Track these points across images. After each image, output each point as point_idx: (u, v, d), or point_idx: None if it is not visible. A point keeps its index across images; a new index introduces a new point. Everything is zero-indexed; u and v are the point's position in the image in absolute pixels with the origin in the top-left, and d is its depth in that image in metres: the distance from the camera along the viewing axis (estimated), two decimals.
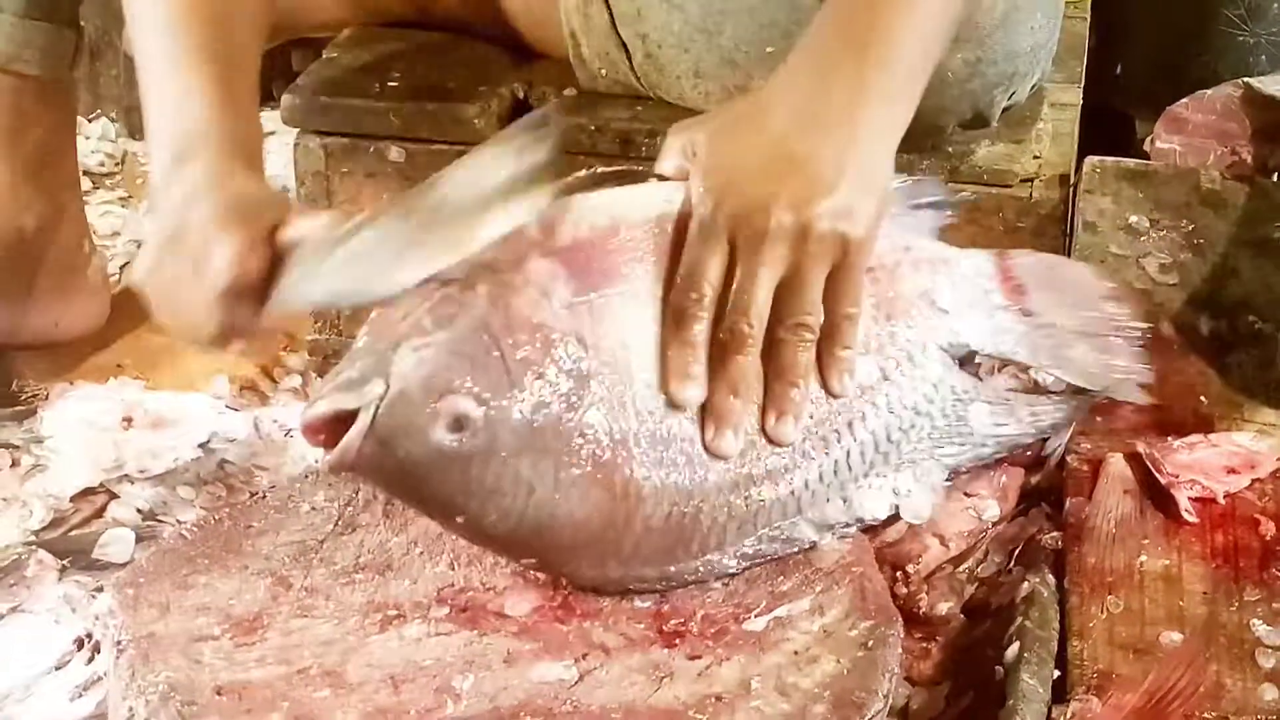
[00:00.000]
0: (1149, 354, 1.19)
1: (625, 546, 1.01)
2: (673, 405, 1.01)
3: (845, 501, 1.07)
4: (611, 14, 1.44)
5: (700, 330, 1.02)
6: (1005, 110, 1.46)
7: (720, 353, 1.02)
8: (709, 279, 1.02)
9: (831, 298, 1.03)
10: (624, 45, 1.45)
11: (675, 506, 1.01)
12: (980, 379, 1.19)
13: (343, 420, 0.94)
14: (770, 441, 1.04)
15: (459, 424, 0.95)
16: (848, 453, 1.07)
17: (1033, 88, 1.49)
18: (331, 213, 1.09)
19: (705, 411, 1.02)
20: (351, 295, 1.02)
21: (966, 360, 1.16)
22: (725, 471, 1.02)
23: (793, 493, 1.05)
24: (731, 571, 1.04)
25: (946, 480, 1.13)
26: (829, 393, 1.05)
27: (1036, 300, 1.18)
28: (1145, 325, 1.20)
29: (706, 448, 1.02)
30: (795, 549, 1.06)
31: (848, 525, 1.08)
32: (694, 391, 1.01)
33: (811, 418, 1.05)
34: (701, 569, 1.04)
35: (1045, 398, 1.19)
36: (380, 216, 1.01)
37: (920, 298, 1.11)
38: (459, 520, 0.99)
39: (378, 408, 0.94)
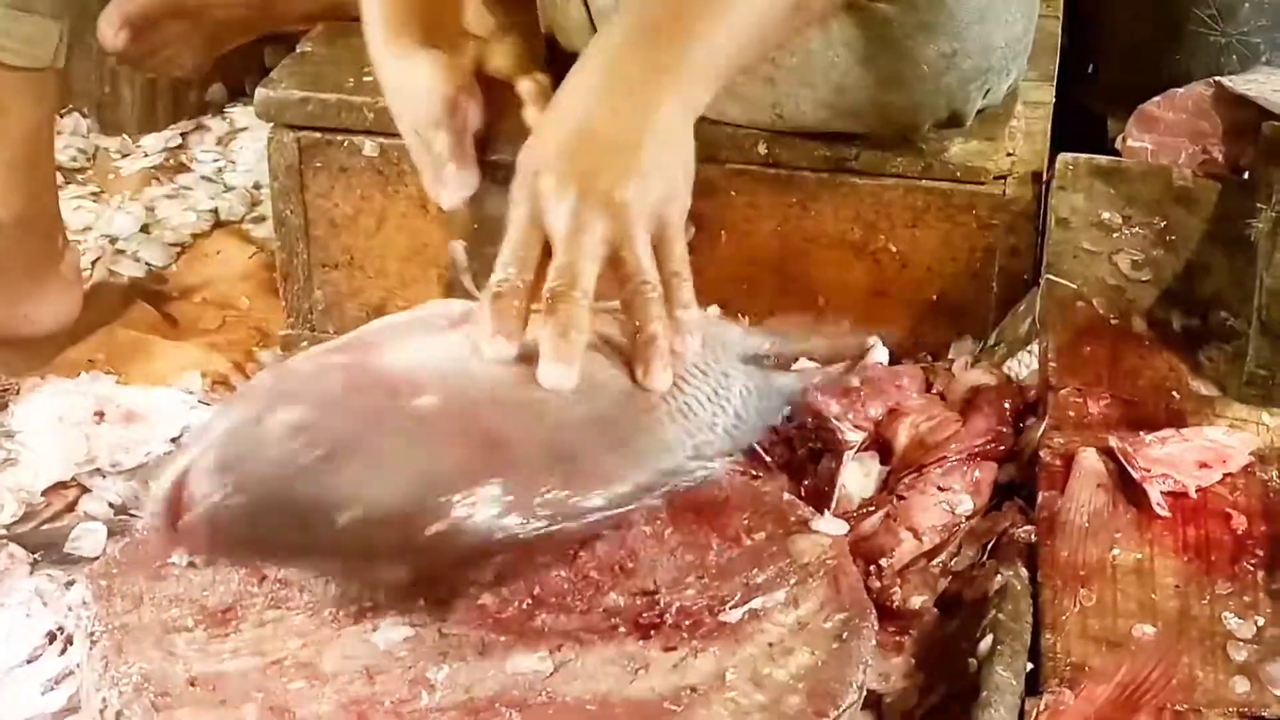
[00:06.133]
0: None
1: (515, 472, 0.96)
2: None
3: None
4: (589, 12, 1.44)
5: (516, 303, 1.01)
6: (980, 111, 1.46)
7: (547, 305, 1.00)
8: (525, 262, 1.02)
9: (657, 263, 1.03)
10: None
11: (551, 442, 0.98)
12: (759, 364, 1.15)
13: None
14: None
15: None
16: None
17: (1008, 88, 1.50)
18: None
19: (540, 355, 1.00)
20: None
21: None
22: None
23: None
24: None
25: None
26: (673, 352, 1.03)
27: None
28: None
29: (539, 378, 0.98)
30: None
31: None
32: (504, 348, 1.00)
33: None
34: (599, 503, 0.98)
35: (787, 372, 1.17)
36: None
37: None
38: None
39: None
